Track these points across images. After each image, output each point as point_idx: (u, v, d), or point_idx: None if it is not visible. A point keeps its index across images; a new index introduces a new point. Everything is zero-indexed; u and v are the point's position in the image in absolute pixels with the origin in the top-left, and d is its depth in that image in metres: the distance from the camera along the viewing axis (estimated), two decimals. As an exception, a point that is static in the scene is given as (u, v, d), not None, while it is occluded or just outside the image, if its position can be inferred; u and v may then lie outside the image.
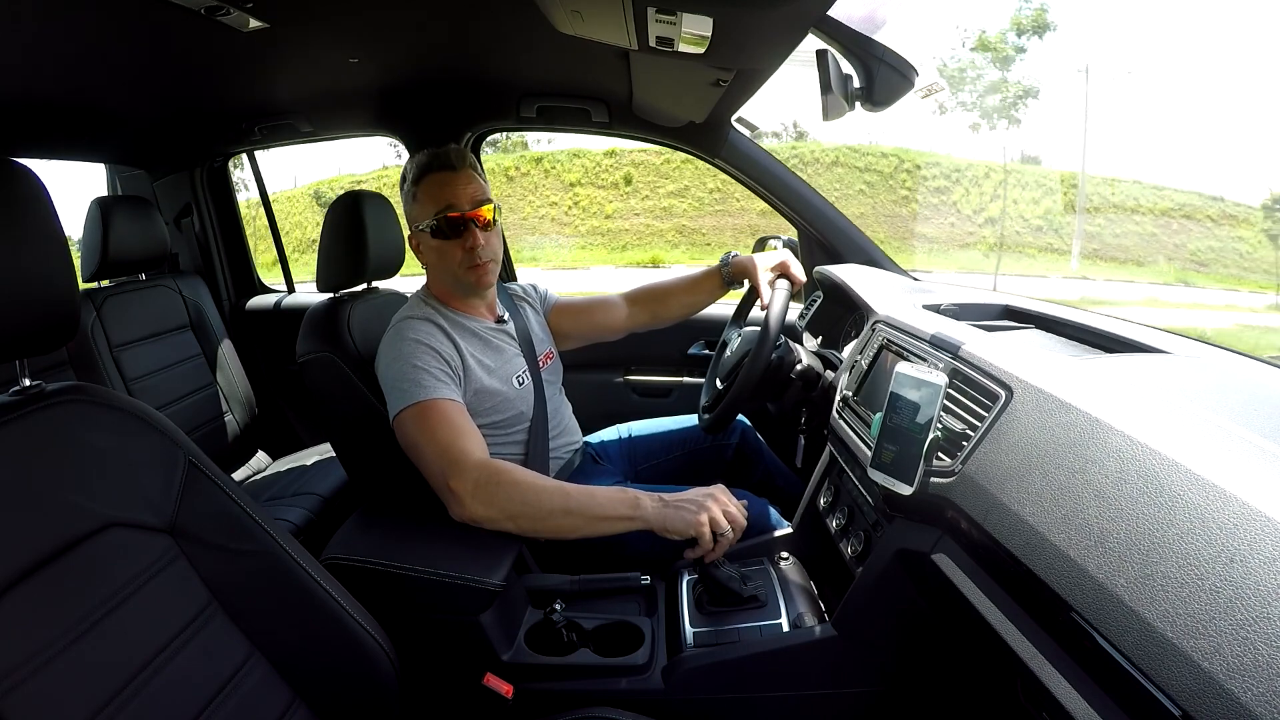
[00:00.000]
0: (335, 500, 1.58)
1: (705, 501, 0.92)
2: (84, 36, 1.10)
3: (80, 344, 1.52)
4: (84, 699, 0.55)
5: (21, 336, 0.60)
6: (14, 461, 0.58)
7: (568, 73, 1.50)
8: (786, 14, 0.75)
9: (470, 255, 1.08)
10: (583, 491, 0.95)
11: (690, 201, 13.98)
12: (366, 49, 1.33)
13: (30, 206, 0.60)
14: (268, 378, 2.06)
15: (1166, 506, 0.48)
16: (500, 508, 0.93)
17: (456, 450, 0.95)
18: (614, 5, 0.77)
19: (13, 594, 0.54)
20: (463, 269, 1.10)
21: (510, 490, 0.93)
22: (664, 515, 0.92)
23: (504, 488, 0.93)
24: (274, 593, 0.72)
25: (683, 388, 1.88)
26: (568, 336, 1.37)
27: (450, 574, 0.89)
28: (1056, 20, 12.68)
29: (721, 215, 13.90)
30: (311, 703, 0.73)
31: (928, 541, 0.75)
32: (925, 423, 0.73)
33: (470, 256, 1.09)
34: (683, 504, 0.93)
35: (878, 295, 1.18)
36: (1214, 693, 0.40)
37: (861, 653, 0.90)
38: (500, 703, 0.89)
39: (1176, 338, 0.85)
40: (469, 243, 1.08)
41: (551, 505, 0.93)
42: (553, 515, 0.93)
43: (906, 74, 0.86)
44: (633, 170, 13.83)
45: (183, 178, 2.04)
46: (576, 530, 0.93)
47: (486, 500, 0.92)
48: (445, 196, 1.08)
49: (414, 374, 0.99)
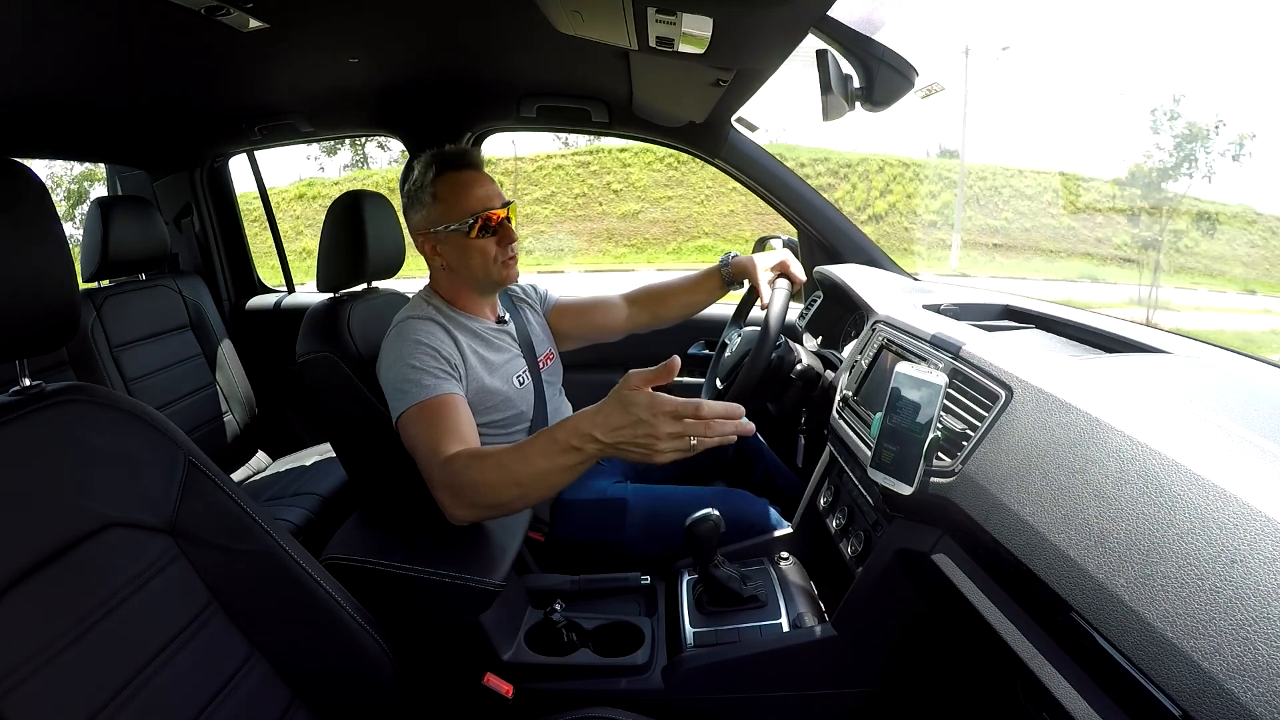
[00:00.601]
0: (335, 500, 1.58)
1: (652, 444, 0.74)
2: (84, 36, 1.10)
3: (80, 344, 1.52)
4: (84, 699, 0.55)
5: (21, 336, 0.60)
6: (14, 461, 0.58)
7: (568, 73, 1.50)
8: (786, 14, 0.75)
9: (505, 250, 1.10)
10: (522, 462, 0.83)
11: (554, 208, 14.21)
12: (366, 49, 1.33)
13: (30, 206, 0.60)
14: (268, 378, 2.06)
15: (1166, 506, 0.48)
16: (471, 506, 0.88)
17: (434, 453, 0.91)
18: (614, 5, 0.77)
19: (13, 594, 0.54)
20: (497, 265, 1.11)
21: (472, 492, 0.87)
22: (613, 454, 0.78)
23: (465, 489, 0.87)
24: (274, 593, 0.72)
25: (683, 388, 1.88)
26: (568, 337, 1.37)
27: (450, 574, 0.89)
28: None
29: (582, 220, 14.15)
30: (311, 703, 0.73)
31: (928, 541, 0.75)
32: (925, 423, 0.73)
33: (505, 252, 1.10)
34: (624, 446, 0.76)
35: (878, 295, 1.18)
36: (1214, 693, 0.40)
37: (861, 653, 0.90)
38: (500, 703, 0.89)
39: (1176, 338, 0.85)
40: (506, 238, 1.10)
41: (506, 492, 0.85)
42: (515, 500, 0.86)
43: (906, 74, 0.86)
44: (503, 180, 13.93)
45: (183, 178, 2.04)
46: (538, 496, 0.86)
47: (460, 502, 0.88)
48: (480, 197, 1.08)
49: (415, 374, 0.99)
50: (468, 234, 1.08)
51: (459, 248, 1.10)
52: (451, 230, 1.08)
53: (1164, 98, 14.78)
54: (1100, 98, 15.43)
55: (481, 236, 1.09)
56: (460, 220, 1.08)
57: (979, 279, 11.06)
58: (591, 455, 0.79)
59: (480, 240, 1.09)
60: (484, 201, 1.08)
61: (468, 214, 1.07)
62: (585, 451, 0.79)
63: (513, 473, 0.83)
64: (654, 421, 0.73)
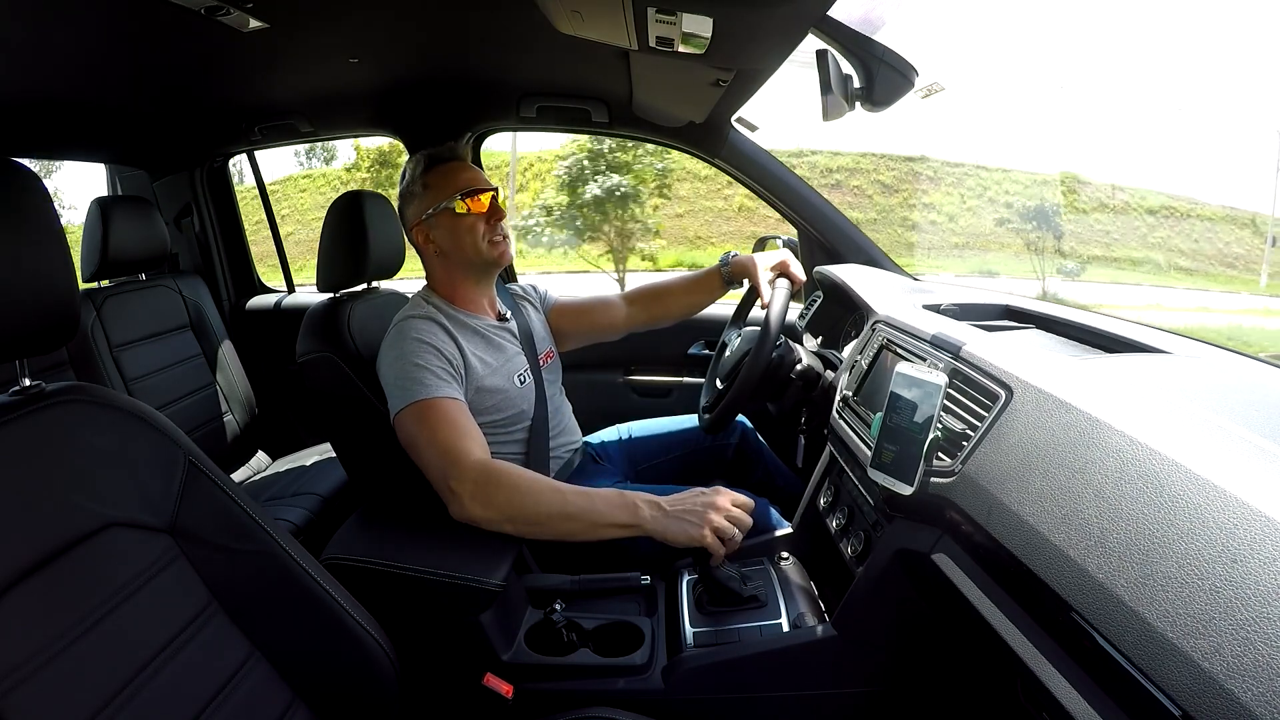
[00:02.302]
0: (335, 500, 1.58)
1: (707, 512, 0.90)
2: (84, 36, 1.10)
3: (80, 344, 1.52)
4: (84, 699, 0.55)
5: (21, 336, 0.60)
6: (14, 461, 0.58)
7: (568, 73, 1.50)
8: (786, 14, 0.75)
9: (493, 229, 1.12)
10: (580, 495, 0.94)
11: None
12: (366, 49, 1.33)
13: (30, 206, 0.60)
14: (268, 378, 2.06)
15: (1166, 506, 0.48)
16: (498, 509, 0.93)
17: (456, 450, 0.94)
18: (614, 5, 0.77)
19: (13, 594, 0.54)
20: (487, 243, 1.12)
21: (509, 493, 0.93)
22: (664, 525, 0.91)
23: (503, 490, 0.93)
24: (274, 593, 0.72)
25: (683, 388, 1.88)
26: (567, 336, 1.37)
27: (450, 574, 0.89)
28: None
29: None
30: (311, 703, 0.73)
31: (928, 541, 0.75)
32: (925, 423, 0.73)
33: (493, 230, 1.12)
34: (683, 514, 0.91)
35: (878, 295, 1.18)
36: (1214, 693, 0.40)
37: (861, 653, 0.90)
38: (500, 703, 0.89)
39: (1176, 338, 0.85)
40: (494, 215, 1.12)
41: (550, 510, 0.92)
42: (550, 520, 0.92)
43: (906, 74, 0.86)
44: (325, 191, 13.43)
45: (183, 178, 2.04)
46: (573, 535, 0.93)
47: (485, 501, 0.92)
48: (466, 179, 1.12)
49: (416, 373, 0.99)
50: (455, 211, 1.11)
51: (449, 229, 1.12)
52: (441, 209, 1.11)
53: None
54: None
55: (469, 214, 1.11)
56: (448, 198, 1.11)
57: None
58: (645, 519, 0.90)
59: (469, 218, 1.11)
60: (470, 182, 1.12)
61: (455, 191, 1.11)
62: (641, 514, 0.91)
63: (566, 498, 0.92)
64: (715, 496, 0.92)
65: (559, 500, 0.93)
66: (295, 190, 13.67)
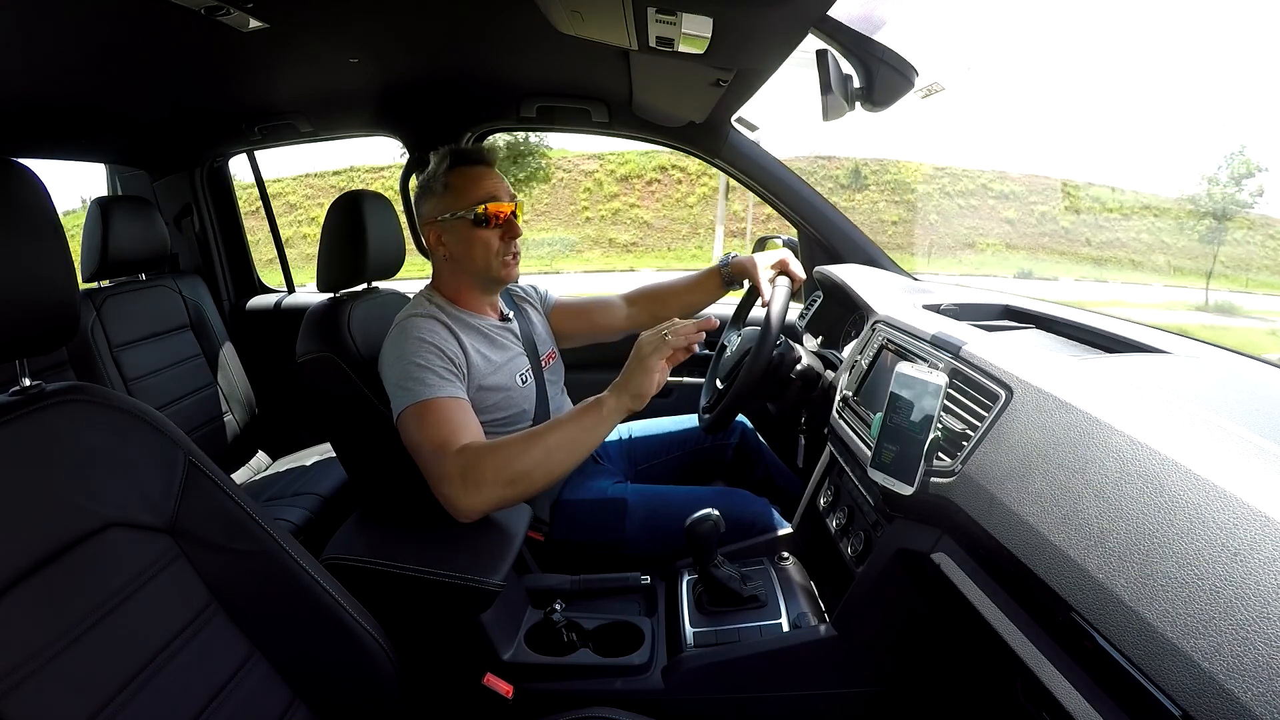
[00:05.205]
0: (335, 500, 1.58)
1: (648, 359, 0.91)
2: (84, 36, 1.10)
3: (80, 344, 1.52)
4: (84, 699, 0.55)
5: (21, 336, 0.60)
6: (14, 461, 0.58)
7: (568, 73, 1.50)
8: (786, 14, 0.75)
9: (507, 246, 1.11)
10: (553, 429, 0.93)
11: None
12: (366, 49, 1.33)
13: (30, 206, 0.60)
14: (268, 378, 2.06)
15: (1166, 506, 0.48)
16: (490, 482, 0.90)
17: (445, 448, 0.92)
18: (614, 5, 0.77)
19: (13, 594, 0.54)
20: (498, 259, 1.12)
21: (490, 460, 0.90)
22: (628, 398, 0.92)
23: (482, 462, 0.90)
24: (274, 593, 0.72)
25: (683, 388, 1.88)
26: (567, 337, 1.37)
27: (450, 574, 0.89)
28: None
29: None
30: (311, 703, 0.73)
31: (928, 541, 0.75)
32: (925, 422, 0.73)
33: (507, 247, 1.11)
34: (633, 373, 0.92)
35: (878, 295, 1.18)
36: (1214, 693, 0.40)
37: (861, 653, 0.90)
38: (500, 703, 0.90)
39: (1176, 338, 0.85)
40: (511, 233, 1.11)
41: (534, 456, 0.90)
42: (539, 465, 0.90)
43: (906, 74, 0.86)
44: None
45: (183, 178, 2.04)
46: (568, 463, 0.92)
47: (475, 482, 0.90)
48: (487, 188, 1.11)
49: (418, 373, 0.99)
50: (473, 222, 1.09)
51: (463, 237, 1.11)
52: (458, 217, 1.10)
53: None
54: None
55: (486, 226, 1.10)
56: (467, 208, 1.09)
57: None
58: (609, 409, 0.91)
59: (484, 231, 1.10)
60: (492, 193, 1.10)
61: (475, 202, 1.09)
62: (603, 405, 0.92)
63: (537, 438, 0.91)
64: (642, 341, 0.93)
65: (537, 443, 0.91)
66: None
